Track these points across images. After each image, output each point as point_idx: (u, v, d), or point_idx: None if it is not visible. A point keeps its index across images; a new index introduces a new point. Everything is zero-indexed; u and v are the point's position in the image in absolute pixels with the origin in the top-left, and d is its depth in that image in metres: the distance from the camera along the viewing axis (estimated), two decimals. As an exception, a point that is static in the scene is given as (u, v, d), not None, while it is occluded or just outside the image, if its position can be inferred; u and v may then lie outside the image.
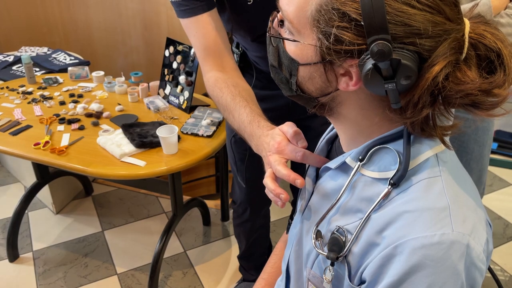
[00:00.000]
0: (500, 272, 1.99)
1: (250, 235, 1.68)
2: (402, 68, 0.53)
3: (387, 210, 0.59)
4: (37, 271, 1.97)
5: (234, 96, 0.99)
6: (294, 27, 0.60)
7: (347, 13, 0.53)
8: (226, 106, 1.00)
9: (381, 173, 0.62)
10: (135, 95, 1.91)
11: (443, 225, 0.55)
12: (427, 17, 0.52)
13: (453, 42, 0.54)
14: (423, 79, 0.54)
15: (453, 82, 0.54)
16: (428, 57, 0.54)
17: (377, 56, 0.52)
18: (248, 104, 0.96)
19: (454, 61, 0.54)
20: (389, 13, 0.51)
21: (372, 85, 0.56)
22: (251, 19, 1.14)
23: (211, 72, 1.08)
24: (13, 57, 2.40)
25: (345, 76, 0.59)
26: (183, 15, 1.08)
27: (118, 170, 1.48)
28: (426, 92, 0.55)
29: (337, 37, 0.55)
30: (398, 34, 0.52)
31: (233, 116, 0.97)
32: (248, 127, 0.91)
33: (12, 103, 1.87)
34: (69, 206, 2.38)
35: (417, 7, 0.52)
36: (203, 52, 1.09)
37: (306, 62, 0.61)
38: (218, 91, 1.03)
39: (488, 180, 2.60)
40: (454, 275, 0.54)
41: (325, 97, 0.64)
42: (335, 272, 0.65)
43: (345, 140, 0.70)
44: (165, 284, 1.92)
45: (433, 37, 0.53)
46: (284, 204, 0.75)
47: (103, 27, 2.85)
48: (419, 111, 0.56)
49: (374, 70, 0.54)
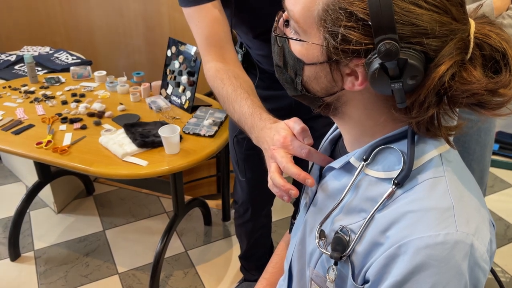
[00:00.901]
0: (501, 273, 1.99)
1: (252, 235, 1.68)
2: (408, 68, 0.53)
3: (391, 209, 0.59)
4: (38, 270, 1.98)
5: (235, 88, 0.98)
6: (300, 26, 0.61)
7: (354, 13, 0.53)
8: (227, 97, 0.99)
9: (385, 173, 0.62)
10: (137, 95, 1.91)
11: (447, 225, 0.55)
12: (434, 17, 0.52)
13: (459, 42, 0.54)
14: (429, 78, 0.54)
15: (459, 81, 0.54)
16: (434, 57, 0.54)
17: (385, 55, 0.52)
18: (249, 96, 0.95)
19: (460, 61, 0.54)
20: (397, 13, 0.52)
21: (378, 85, 0.56)
22: (253, 15, 1.14)
23: (211, 62, 1.07)
24: (15, 56, 2.40)
25: (351, 76, 0.59)
26: (187, 4, 1.07)
27: (120, 169, 1.48)
28: (432, 92, 0.55)
29: (344, 37, 0.55)
30: (405, 33, 0.52)
31: (234, 107, 0.96)
32: (249, 119, 0.90)
33: (14, 102, 1.87)
34: (71, 206, 2.38)
35: (424, 7, 0.52)
36: (205, 41, 1.08)
37: (312, 61, 0.61)
38: (219, 82, 1.02)
39: (490, 181, 2.60)
40: (457, 274, 0.54)
41: (330, 96, 0.64)
42: (339, 272, 0.66)
43: (349, 140, 0.70)
44: (166, 284, 1.92)
45: (439, 37, 0.53)
46: (290, 199, 0.74)
47: (105, 27, 2.85)
48: (424, 111, 0.56)
49: (381, 70, 0.54)
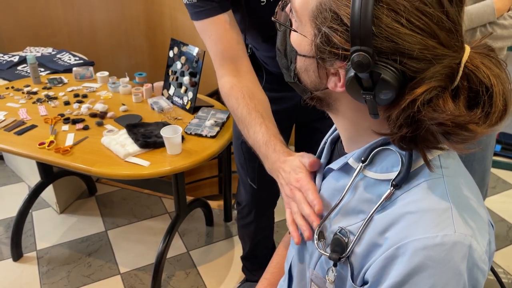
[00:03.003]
0: (503, 274, 1.99)
1: (255, 236, 1.69)
2: (381, 83, 0.53)
3: (389, 211, 0.59)
4: (40, 270, 1.98)
5: (250, 111, 0.98)
6: (298, 16, 0.61)
7: (340, 17, 0.53)
8: (241, 119, 1.00)
9: (383, 174, 0.62)
10: (139, 96, 1.91)
11: (445, 226, 0.55)
12: (417, 39, 0.51)
13: (444, 69, 0.53)
14: (402, 98, 0.53)
15: (432, 108, 0.52)
16: (413, 78, 0.53)
17: (356, 66, 0.52)
18: (264, 121, 0.96)
19: (440, 88, 0.53)
20: (378, 27, 0.51)
21: (352, 92, 0.56)
22: (263, 19, 1.15)
23: (226, 77, 1.07)
24: (18, 57, 2.41)
25: (335, 76, 0.59)
26: (198, 17, 1.07)
27: (122, 170, 1.49)
28: (403, 112, 0.54)
29: (328, 38, 0.55)
30: (384, 49, 0.51)
31: (248, 131, 0.97)
32: (263, 148, 0.91)
33: (17, 103, 1.88)
34: (73, 206, 2.39)
35: (408, 27, 0.50)
36: (219, 55, 1.08)
37: (303, 53, 0.62)
38: (234, 101, 1.03)
39: (491, 182, 2.60)
40: (456, 276, 0.54)
41: (318, 92, 0.64)
42: (338, 273, 0.66)
43: (345, 139, 0.70)
44: (168, 284, 1.93)
45: (420, 59, 0.51)
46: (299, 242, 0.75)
47: (107, 27, 2.86)
48: (397, 128, 0.56)
49: (354, 79, 0.54)
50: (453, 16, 0.52)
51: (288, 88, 0.74)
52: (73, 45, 2.78)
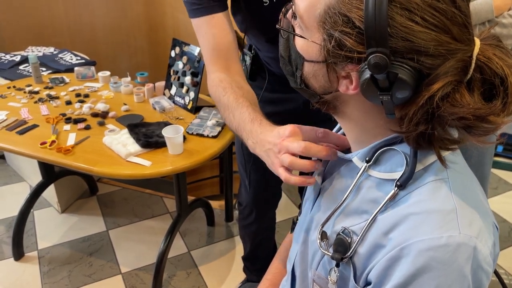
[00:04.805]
0: (505, 275, 1.98)
1: (256, 237, 1.68)
2: (398, 82, 0.53)
3: (393, 211, 0.59)
4: (42, 269, 1.98)
5: (238, 97, 0.97)
6: (303, 22, 0.61)
7: (351, 20, 0.53)
8: (227, 105, 0.98)
9: (387, 174, 0.62)
10: (140, 95, 1.91)
11: (450, 227, 0.55)
12: (432, 36, 0.51)
13: (458, 62, 0.53)
14: (419, 95, 0.54)
15: (450, 103, 0.53)
16: (429, 74, 0.53)
17: (373, 67, 0.52)
18: (250, 105, 0.95)
19: (455, 82, 0.53)
20: (393, 27, 0.51)
21: (368, 94, 0.56)
22: (266, 20, 1.14)
23: (216, 73, 1.07)
24: (20, 56, 2.41)
25: (346, 79, 0.59)
26: (195, 14, 1.07)
27: (124, 169, 1.49)
28: (421, 109, 0.54)
29: (340, 42, 0.55)
30: (399, 48, 0.52)
31: (234, 115, 0.95)
32: (249, 124, 0.89)
33: (19, 102, 1.88)
34: (74, 206, 2.39)
35: (422, 25, 0.51)
36: (211, 52, 1.08)
37: (311, 59, 0.62)
38: (221, 90, 1.01)
39: (493, 183, 2.59)
40: (460, 277, 0.54)
41: (328, 95, 0.64)
42: (340, 273, 0.66)
43: (352, 141, 0.70)
44: (169, 284, 1.93)
45: (435, 55, 0.52)
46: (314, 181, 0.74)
47: (108, 27, 2.86)
48: (414, 126, 0.56)
49: (370, 81, 0.54)
50: (464, 10, 0.52)
51: (290, 89, 0.74)
52: (75, 44, 2.78)
